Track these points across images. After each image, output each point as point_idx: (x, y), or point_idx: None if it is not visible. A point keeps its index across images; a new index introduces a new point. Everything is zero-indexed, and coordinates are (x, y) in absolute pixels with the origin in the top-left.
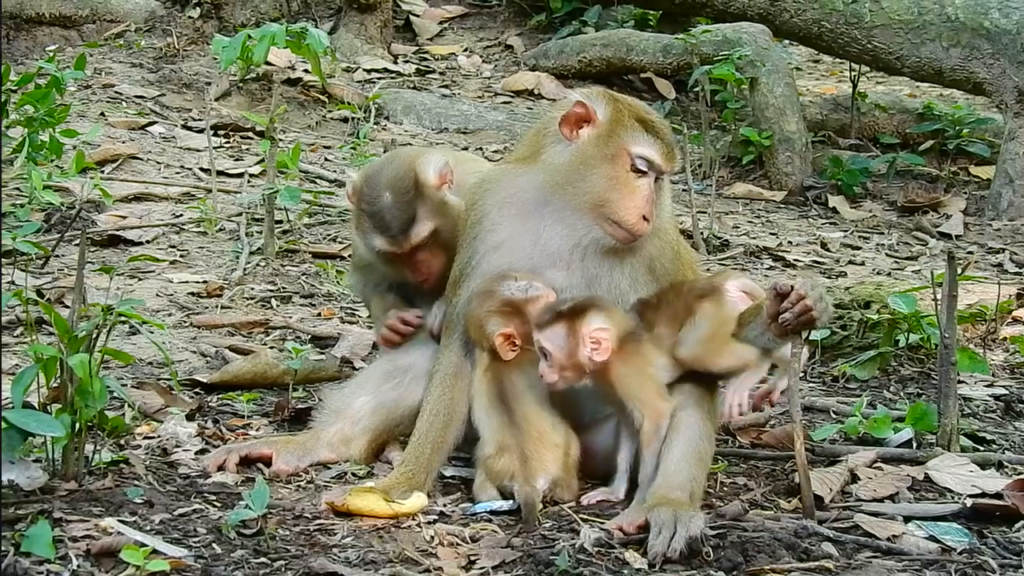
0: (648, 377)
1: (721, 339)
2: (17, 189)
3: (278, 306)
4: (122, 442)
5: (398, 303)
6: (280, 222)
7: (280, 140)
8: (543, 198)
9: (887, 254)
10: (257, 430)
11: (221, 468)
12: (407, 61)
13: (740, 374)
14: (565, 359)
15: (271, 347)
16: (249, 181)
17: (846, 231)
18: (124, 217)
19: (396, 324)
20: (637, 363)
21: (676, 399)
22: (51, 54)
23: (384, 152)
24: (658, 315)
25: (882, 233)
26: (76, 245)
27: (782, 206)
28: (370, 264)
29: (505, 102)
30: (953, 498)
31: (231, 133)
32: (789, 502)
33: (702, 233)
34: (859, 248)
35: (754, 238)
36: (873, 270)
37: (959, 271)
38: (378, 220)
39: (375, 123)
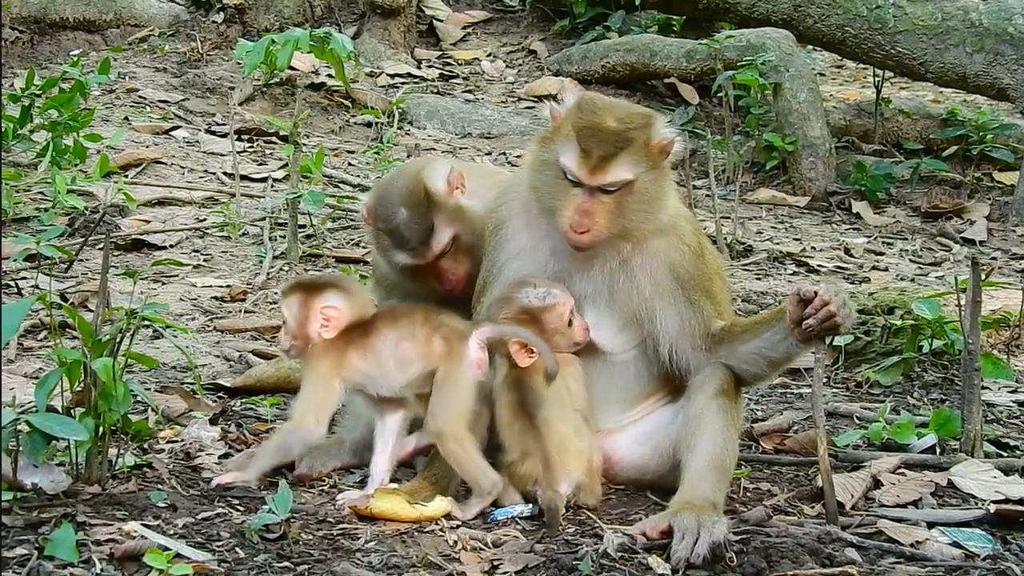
0: (328, 386)
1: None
2: (41, 193)
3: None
4: (145, 446)
5: None
6: (303, 226)
7: (304, 145)
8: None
9: (911, 260)
10: None
11: None
12: (430, 66)
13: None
14: (296, 328)
15: None
16: (272, 185)
17: (870, 236)
18: (148, 221)
19: None
20: (329, 363)
21: (698, 403)
22: (75, 58)
23: (408, 157)
24: (394, 325)
25: (906, 239)
26: (100, 249)
27: (806, 211)
28: (394, 283)
29: (528, 107)
30: (976, 504)
31: (255, 137)
32: (812, 507)
33: (726, 238)
34: (883, 254)
35: (777, 243)
36: (897, 276)
37: (983, 277)
38: (397, 236)
39: (398, 128)
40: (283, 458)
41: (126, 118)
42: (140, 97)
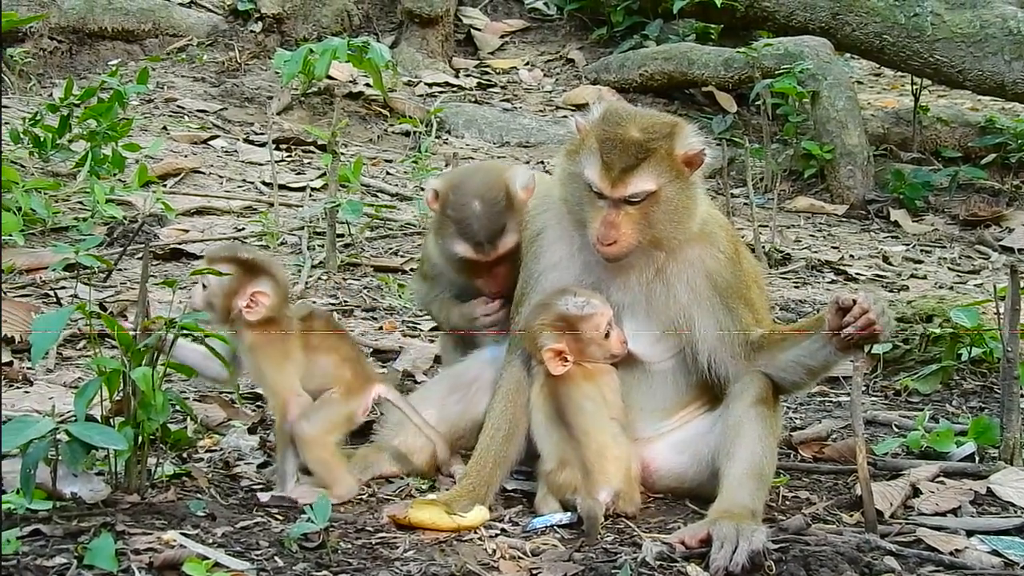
0: (283, 368)
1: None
2: (80, 203)
3: (340, 319)
4: (184, 455)
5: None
6: (342, 236)
7: (342, 154)
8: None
9: (949, 268)
10: None
11: None
12: (468, 75)
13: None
14: (219, 298)
15: None
16: (311, 195)
17: (908, 245)
18: (186, 231)
19: (486, 308)
20: (277, 349)
21: (736, 411)
22: (114, 68)
23: (446, 166)
24: (328, 335)
25: (944, 247)
26: (139, 259)
27: (844, 220)
28: (440, 274)
29: (566, 116)
30: (1016, 512)
31: (293, 147)
32: (851, 516)
33: (764, 247)
34: (921, 262)
35: (816, 252)
36: (935, 284)
37: (1022, 285)
38: (465, 227)
39: (436, 137)
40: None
41: (164, 128)
42: (178, 107)
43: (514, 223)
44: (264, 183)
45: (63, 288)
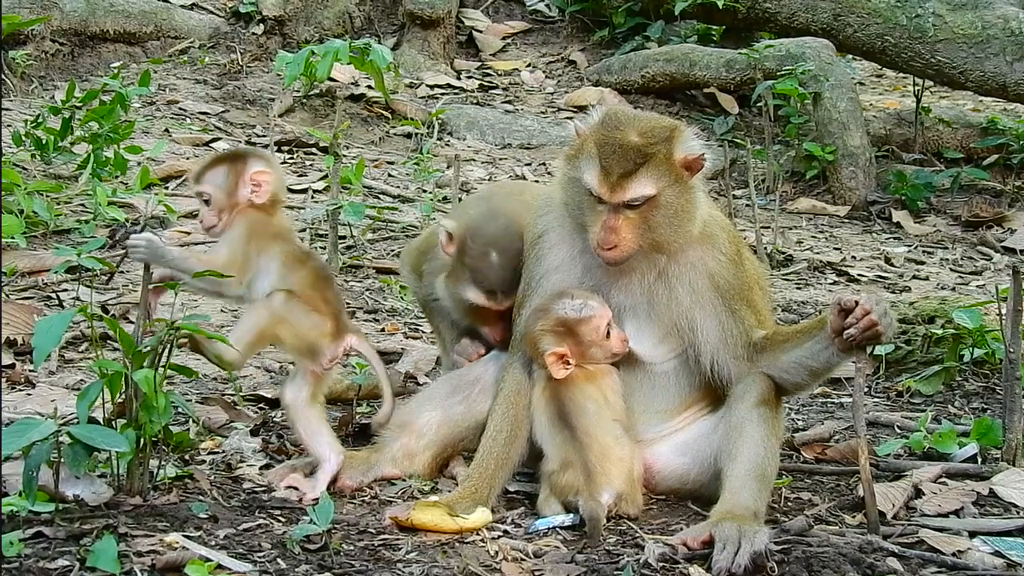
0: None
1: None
2: (82, 205)
3: None
4: (187, 457)
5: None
6: (344, 237)
7: (343, 156)
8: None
9: (951, 269)
10: None
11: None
12: (470, 77)
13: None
14: (225, 199)
15: None
16: (313, 197)
17: (910, 246)
18: (188, 233)
19: (473, 356)
20: (270, 234)
21: (739, 412)
22: (116, 71)
23: (448, 168)
24: (316, 274)
25: (946, 248)
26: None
27: (846, 221)
28: (438, 305)
29: (568, 118)
30: (1018, 513)
31: (295, 149)
32: (854, 517)
33: (766, 248)
34: (923, 263)
35: (818, 253)
36: (937, 285)
37: None
38: (480, 276)
39: (438, 139)
40: None
41: (166, 130)
42: (180, 109)
43: None
44: None
45: (65, 290)
